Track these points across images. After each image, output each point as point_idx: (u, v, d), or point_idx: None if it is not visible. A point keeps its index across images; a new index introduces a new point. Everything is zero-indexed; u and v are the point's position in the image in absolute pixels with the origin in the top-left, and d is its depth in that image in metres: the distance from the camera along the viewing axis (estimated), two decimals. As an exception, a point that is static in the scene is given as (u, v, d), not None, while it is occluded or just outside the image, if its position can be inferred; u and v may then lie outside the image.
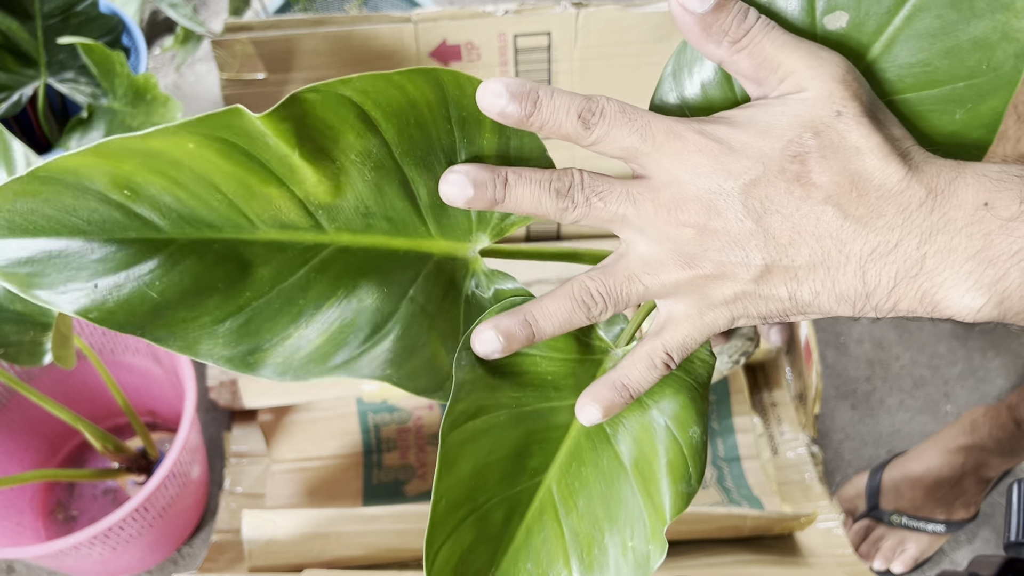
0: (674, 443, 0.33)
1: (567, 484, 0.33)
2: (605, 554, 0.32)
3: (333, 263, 0.34)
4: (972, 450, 0.89)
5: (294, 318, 0.33)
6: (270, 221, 0.32)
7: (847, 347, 1.09)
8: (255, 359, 0.33)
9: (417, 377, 0.35)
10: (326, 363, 0.34)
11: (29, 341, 0.70)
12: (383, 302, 0.35)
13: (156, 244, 0.31)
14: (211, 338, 0.32)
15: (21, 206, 0.29)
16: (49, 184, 0.29)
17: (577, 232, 1.04)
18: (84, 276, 0.30)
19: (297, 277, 0.33)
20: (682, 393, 0.35)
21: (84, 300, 0.30)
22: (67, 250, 0.30)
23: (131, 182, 0.30)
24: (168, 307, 0.32)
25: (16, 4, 0.86)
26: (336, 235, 0.34)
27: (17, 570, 0.92)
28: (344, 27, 0.87)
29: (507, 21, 0.88)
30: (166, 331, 0.32)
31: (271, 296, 0.33)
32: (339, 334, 0.34)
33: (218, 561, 0.84)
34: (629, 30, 0.89)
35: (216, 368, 0.95)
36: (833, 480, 1.00)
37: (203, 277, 0.32)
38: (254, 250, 0.33)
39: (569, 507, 0.32)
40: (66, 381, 0.92)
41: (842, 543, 0.86)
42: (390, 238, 0.35)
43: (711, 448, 0.98)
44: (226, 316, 0.32)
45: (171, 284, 0.31)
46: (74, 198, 0.30)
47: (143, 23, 1.29)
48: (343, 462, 0.95)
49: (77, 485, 0.95)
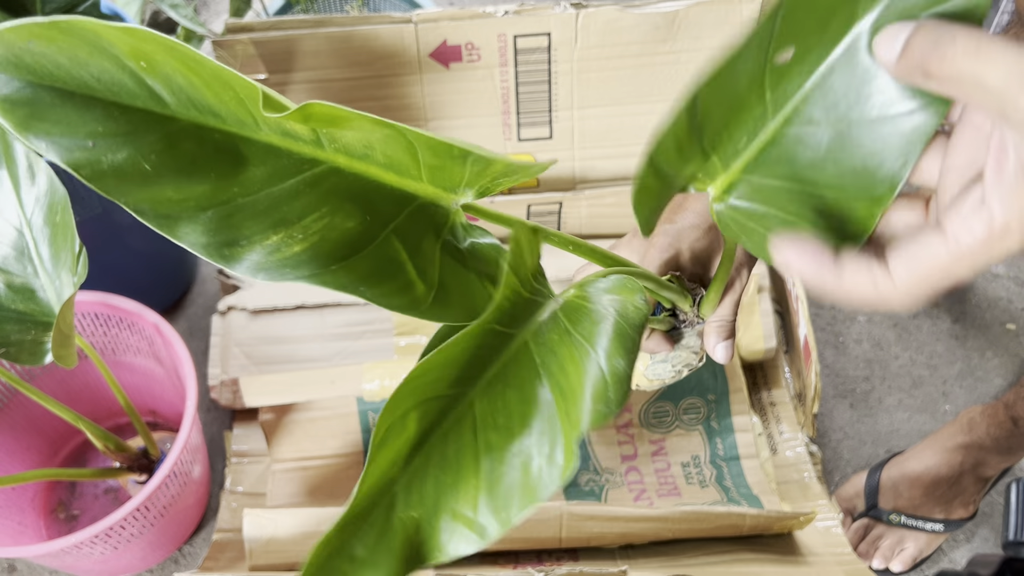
0: (598, 370, 0.34)
1: (490, 401, 0.33)
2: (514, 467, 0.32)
3: (324, 180, 0.35)
4: (970, 449, 0.89)
5: (276, 223, 0.34)
6: (274, 126, 0.33)
7: (846, 346, 1.09)
8: (231, 252, 0.34)
9: (391, 296, 0.36)
10: (300, 270, 0.35)
11: (30, 340, 0.70)
12: (365, 227, 0.36)
13: (160, 119, 0.32)
14: (192, 222, 0.33)
15: (34, 47, 0.30)
16: (68, 35, 0.30)
17: (577, 233, 1.05)
18: (82, 132, 0.31)
19: (288, 184, 0.34)
20: (612, 329, 0.36)
21: (78, 155, 0.31)
22: (71, 102, 0.30)
23: (149, 57, 0.31)
24: (158, 182, 0.32)
25: (18, 5, 0.86)
26: (333, 155, 0.35)
27: (19, 569, 0.92)
28: (345, 28, 0.88)
29: (507, 22, 0.88)
30: (149, 205, 0.32)
31: (258, 196, 0.34)
32: (318, 247, 0.35)
33: (219, 560, 0.84)
34: (629, 31, 0.89)
35: (217, 367, 0.95)
36: (832, 479, 1.00)
37: (198, 162, 0.33)
38: (252, 149, 0.33)
39: (487, 423, 0.33)
40: (67, 380, 0.92)
41: (841, 542, 0.86)
42: (383, 171, 0.36)
43: (710, 447, 0.98)
44: (211, 205, 0.33)
45: (166, 161, 0.32)
46: (89, 54, 0.30)
47: (144, 23, 1.30)
48: (344, 461, 0.95)
49: (78, 484, 0.95)
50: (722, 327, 0.48)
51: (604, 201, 1.01)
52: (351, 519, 0.30)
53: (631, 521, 0.78)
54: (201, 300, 1.10)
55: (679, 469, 0.97)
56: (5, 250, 0.70)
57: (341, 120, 0.33)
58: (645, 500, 0.94)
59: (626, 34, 0.89)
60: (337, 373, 0.95)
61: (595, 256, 0.42)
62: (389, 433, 0.31)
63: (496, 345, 0.34)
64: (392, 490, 0.31)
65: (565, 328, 0.36)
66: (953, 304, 1.12)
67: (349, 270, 0.35)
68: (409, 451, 0.31)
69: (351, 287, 0.35)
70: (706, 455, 0.98)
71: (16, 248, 0.70)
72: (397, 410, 0.31)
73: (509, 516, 0.31)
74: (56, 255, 0.69)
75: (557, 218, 1.03)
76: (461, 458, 0.32)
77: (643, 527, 0.78)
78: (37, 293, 0.70)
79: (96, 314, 0.86)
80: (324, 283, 0.35)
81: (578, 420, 0.32)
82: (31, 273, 0.70)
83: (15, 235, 0.70)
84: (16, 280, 0.70)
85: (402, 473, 0.31)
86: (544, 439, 0.32)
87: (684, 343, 0.50)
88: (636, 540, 0.81)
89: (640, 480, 0.96)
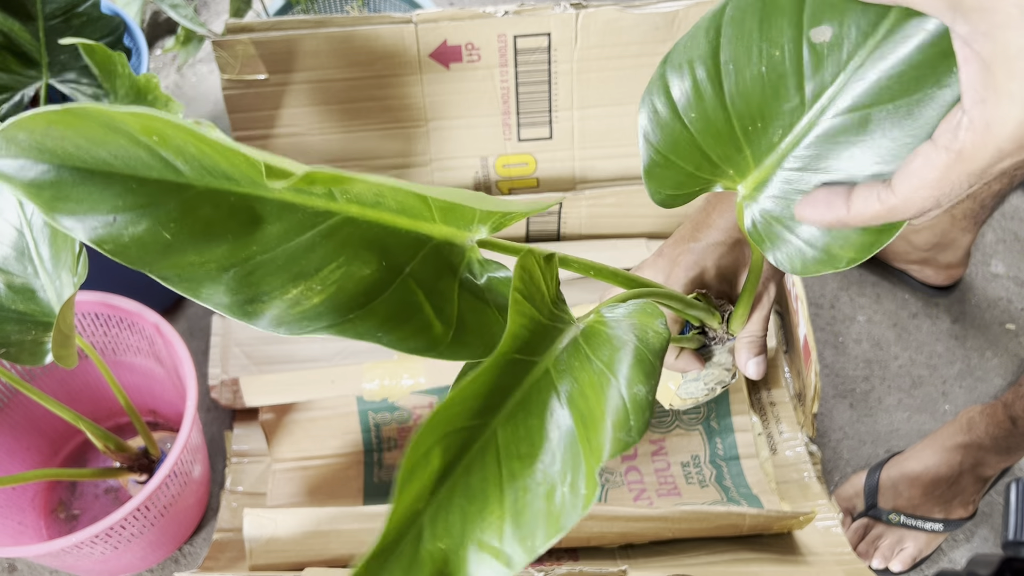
0: (619, 398, 0.35)
1: (512, 430, 0.33)
2: (538, 496, 0.33)
3: (339, 231, 0.35)
4: (969, 448, 0.89)
5: (295, 276, 0.35)
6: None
7: (845, 346, 1.09)
8: (253, 308, 0.35)
9: (408, 340, 0.37)
10: (320, 321, 0.36)
11: (31, 340, 0.70)
12: (381, 274, 0.36)
13: (176, 187, 0.33)
14: (214, 283, 0.34)
15: (53, 132, 0.31)
16: (83, 119, 0.31)
17: (576, 234, 1.05)
18: (104, 208, 0.32)
19: (303, 238, 0.35)
20: (631, 356, 0.36)
21: (101, 231, 0.32)
22: (92, 180, 0.32)
23: (160, 131, 0.32)
24: (179, 249, 0.33)
25: (18, 5, 0.86)
26: (346, 206, 0.35)
27: (19, 569, 0.92)
28: (345, 28, 0.88)
29: (507, 22, 0.88)
30: (172, 272, 0.33)
31: (276, 253, 0.35)
32: (335, 297, 0.36)
33: (219, 560, 0.84)
34: (628, 31, 0.89)
35: (217, 367, 0.95)
36: (831, 479, 1.00)
37: (216, 225, 0.34)
38: (267, 207, 0.34)
39: (511, 452, 0.33)
40: (68, 380, 0.92)
41: (840, 542, 0.86)
42: (396, 216, 0.36)
43: (710, 447, 0.98)
44: (231, 265, 0.34)
45: (185, 227, 0.33)
46: (104, 134, 0.31)
47: (144, 24, 1.30)
48: (344, 461, 0.95)
49: (79, 484, 0.95)
50: (752, 343, 0.48)
51: (604, 201, 1.01)
52: (379, 552, 0.30)
53: (631, 521, 0.78)
54: (201, 300, 1.10)
55: (679, 469, 0.97)
56: (5, 250, 0.70)
57: (345, 182, 0.33)
58: (645, 500, 0.94)
59: (626, 34, 0.90)
60: (337, 373, 0.95)
61: (617, 279, 0.43)
62: (413, 471, 0.31)
63: (517, 373, 0.34)
64: (419, 522, 0.31)
65: (586, 355, 0.36)
66: (953, 304, 1.12)
67: (367, 317, 0.36)
68: (434, 483, 0.32)
69: (369, 335, 0.36)
70: (706, 455, 0.98)
71: (16, 248, 0.70)
72: (420, 448, 0.31)
73: (535, 545, 0.32)
74: (56, 255, 0.69)
75: (557, 218, 1.03)
76: (486, 487, 0.32)
77: (643, 527, 0.79)
78: (37, 293, 0.70)
79: (96, 314, 0.86)
80: (343, 333, 0.36)
81: (600, 449, 0.33)
82: (31, 273, 0.70)
83: (15, 235, 0.70)
84: (16, 280, 0.70)
85: (428, 505, 0.31)
86: (567, 468, 0.33)
87: (715, 360, 0.49)
88: (636, 540, 0.81)
89: (640, 480, 0.96)
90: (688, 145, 0.40)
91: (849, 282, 1.13)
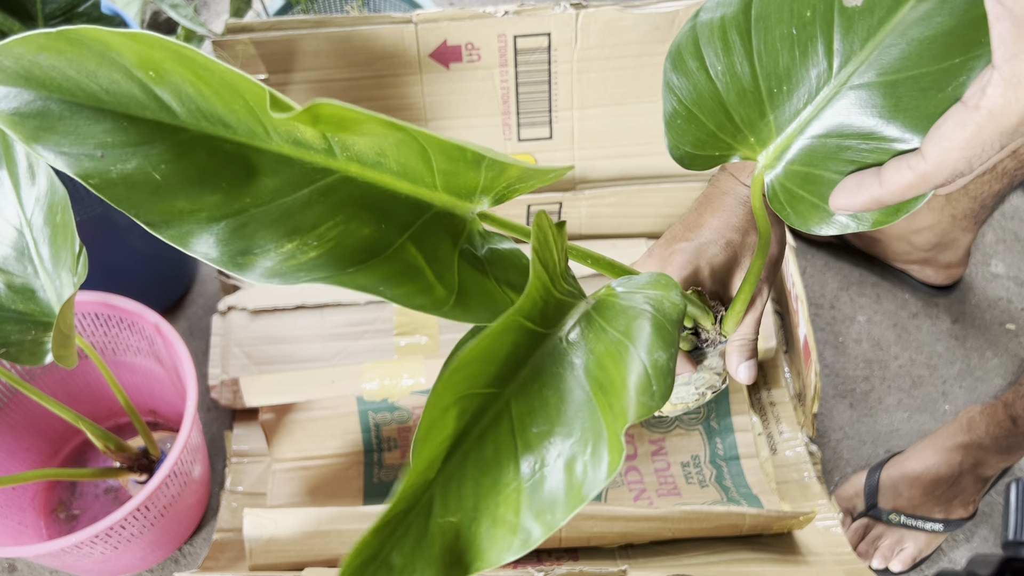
0: (639, 364, 0.34)
1: (527, 401, 0.32)
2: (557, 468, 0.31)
3: (337, 190, 0.34)
4: (969, 448, 0.89)
5: (290, 232, 0.34)
6: (285, 136, 0.33)
7: (845, 346, 1.09)
8: (244, 260, 0.34)
9: (412, 297, 0.36)
10: (316, 272, 0.34)
11: (30, 340, 0.70)
12: (380, 234, 0.35)
13: (169, 129, 0.31)
14: (204, 233, 0.33)
15: (43, 60, 0.29)
16: (76, 46, 0.29)
17: (576, 234, 1.05)
18: (91, 143, 0.31)
19: (300, 194, 0.34)
20: (649, 324, 0.36)
21: (88, 164, 0.31)
22: (80, 114, 0.30)
23: (158, 66, 0.30)
24: (168, 193, 0.32)
25: (18, 5, 0.86)
26: (346, 164, 0.34)
27: (19, 569, 0.92)
28: (345, 28, 0.88)
29: (507, 22, 0.88)
30: (160, 217, 0.32)
31: (271, 207, 0.33)
32: (333, 252, 0.35)
33: (219, 560, 0.84)
34: (628, 31, 0.89)
35: (217, 367, 0.95)
36: (831, 479, 1.00)
37: (209, 173, 0.32)
38: (263, 159, 0.33)
39: (525, 423, 0.32)
40: (68, 380, 0.92)
41: (841, 542, 0.86)
42: (396, 179, 0.35)
43: (710, 447, 0.98)
44: (223, 216, 0.33)
45: (176, 171, 0.32)
46: (98, 65, 0.30)
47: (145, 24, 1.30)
48: (344, 461, 0.95)
49: (79, 484, 0.95)
50: (744, 346, 0.47)
51: (604, 201, 1.01)
52: (387, 522, 0.29)
53: (631, 521, 0.78)
54: (201, 300, 1.10)
55: (679, 469, 0.97)
56: (5, 250, 0.70)
57: (351, 122, 0.32)
58: (645, 500, 0.94)
59: (626, 34, 0.89)
60: (337, 373, 0.95)
61: (614, 270, 0.42)
62: (432, 428, 0.30)
63: (530, 344, 0.33)
64: (429, 492, 0.30)
65: (600, 326, 0.35)
66: (953, 304, 1.12)
67: (368, 273, 0.35)
68: (446, 451, 0.31)
69: (371, 288, 0.35)
70: (706, 455, 0.98)
71: (16, 248, 0.70)
72: (440, 403, 0.30)
73: (555, 519, 0.30)
74: (56, 255, 0.69)
75: (557, 218, 1.03)
76: (500, 459, 0.31)
77: (643, 527, 0.78)
78: (37, 293, 0.70)
79: (96, 314, 0.86)
80: (342, 284, 0.35)
81: (624, 413, 0.32)
82: (31, 273, 0.70)
83: (15, 235, 0.70)
84: (16, 280, 0.70)
85: (439, 475, 0.30)
86: (588, 437, 0.32)
87: (707, 364, 0.49)
88: (636, 540, 0.81)
89: (640, 480, 0.96)
90: (712, 100, 0.40)
91: (849, 282, 1.13)
